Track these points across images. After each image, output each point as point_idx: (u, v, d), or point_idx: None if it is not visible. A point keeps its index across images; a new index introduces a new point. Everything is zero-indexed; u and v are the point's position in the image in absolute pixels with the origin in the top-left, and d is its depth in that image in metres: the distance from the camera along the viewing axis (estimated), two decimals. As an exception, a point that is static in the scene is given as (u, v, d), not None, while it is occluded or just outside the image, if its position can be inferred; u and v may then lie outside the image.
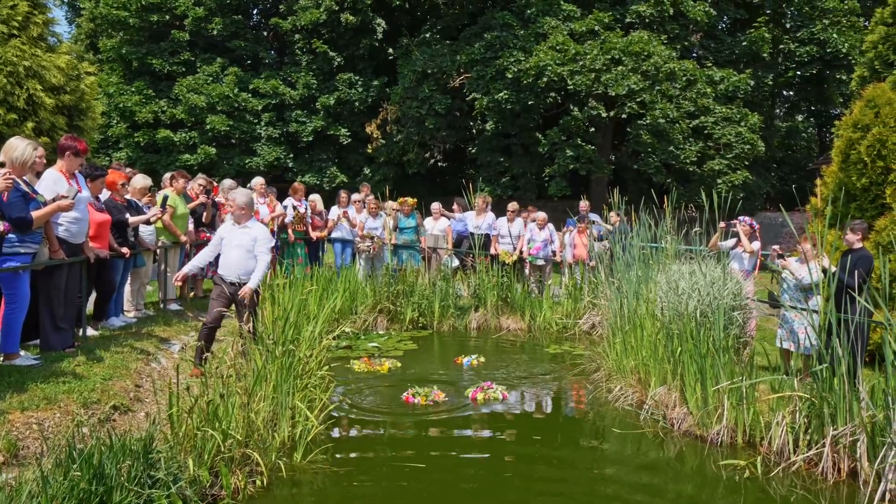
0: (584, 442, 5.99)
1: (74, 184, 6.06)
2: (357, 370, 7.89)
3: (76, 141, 6.08)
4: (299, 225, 11.28)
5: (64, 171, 6.01)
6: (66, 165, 6.03)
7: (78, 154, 6.03)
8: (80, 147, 6.04)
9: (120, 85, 23.30)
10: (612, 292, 8.27)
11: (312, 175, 23.58)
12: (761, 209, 23.51)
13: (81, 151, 6.04)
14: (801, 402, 5.40)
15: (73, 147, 6.01)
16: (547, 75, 18.60)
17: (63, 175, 5.99)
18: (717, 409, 5.84)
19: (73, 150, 6.00)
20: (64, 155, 6.01)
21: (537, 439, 5.93)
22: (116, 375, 5.61)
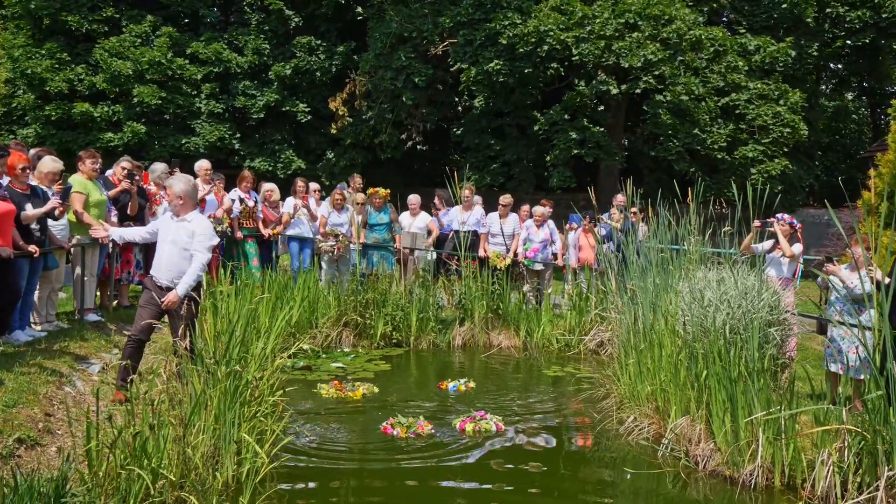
0: (591, 484, 6.00)
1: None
2: (325, 395, 7.87)
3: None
4: (248, 220, 11.24)
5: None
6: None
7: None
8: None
9: (28, 48, 23.04)
10: (625, 303, 8.31)
11: (264, 159, 23.49)
12: (803, 205, 23.76)
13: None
14: (850, 437, 5.44)
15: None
16: (548, 42, 18.67)
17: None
18: (750, 444, 5.87)
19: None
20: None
21: (535, 480, 5.93)
22: (22, 402, 5.53)
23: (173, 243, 6.49)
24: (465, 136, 22.66)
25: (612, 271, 9.42)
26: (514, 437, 6.88)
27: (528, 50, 18.90)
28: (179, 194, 6.55)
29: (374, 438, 6.73)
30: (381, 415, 7.28)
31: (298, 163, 23.60)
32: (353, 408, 7.62)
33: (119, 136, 22.48)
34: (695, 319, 6.84)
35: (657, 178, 21.81)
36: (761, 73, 21.44)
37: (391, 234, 11.75)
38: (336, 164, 23.49)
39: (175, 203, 6.57)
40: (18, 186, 7.41)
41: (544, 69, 19.66)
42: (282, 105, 23.59)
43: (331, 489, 5.57)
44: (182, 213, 6.56)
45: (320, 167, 23.75)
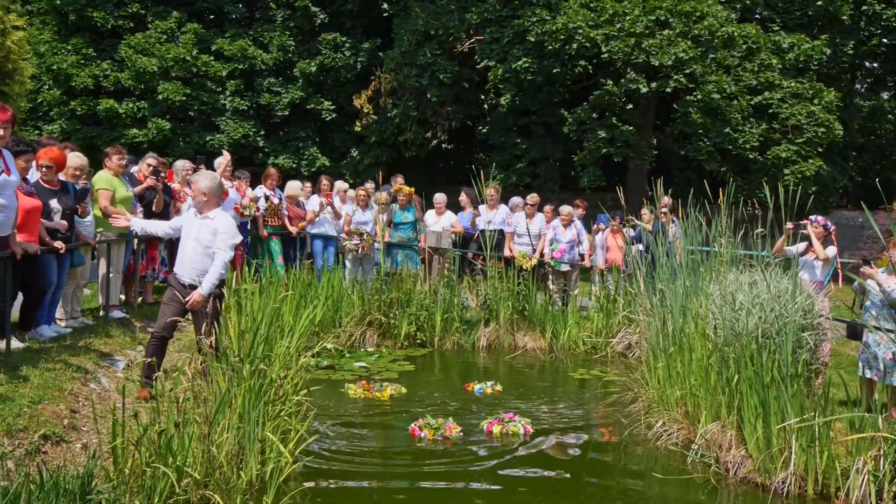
0: (618, 489, 5.98)
1: (1, 162, 6.06)
2: (352, 395, 7.91)
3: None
4: (273, 218, 11.31)
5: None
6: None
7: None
8: (2, 115, 6.02)
9: (54, 43, 23.31)
10: (654, 306, 8.27)
11: (288, 157, 23.59)
12: (837, 207, 23.51)
13: (3, 121, 6.02)
14: (886, 445, 5.38)
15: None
16: (577, 40, 18.61)
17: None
18: (782, 451, 5.82)
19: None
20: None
21: (561, 485, 5.92)
22: (47, 398, 5.61)
23: (196, 241, 6.54)
24: (490, 135, 22.63)
25: (641, 273, 9.37)
26: (540, 441, 6.87)
27: (556, 47, 18.85)
28: (204, 191, 6.60)
29: (400, 439, 6.76)
30: (407, 416, 7.31)
31: (322, 160, 23.67)
32: (380, 408, 7.64)
33: (144, 133, 22.67)
34: (726, 323, 6.79)
35: (687, 177, 21.68)
36: (795, 71, 21.24)
37: (416, 233, 11.77)
38: (360, 162, 23.53)
39: (199, 199, 6.62)
40: (47, 182, 7.51)
41: (572, 67, 19.59)
42: (306, 102, 23.67)
43: (355, 490, 5.60)
44: (205, 209, 6.61)
45: (344, 165, 23.81)
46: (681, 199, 9.40)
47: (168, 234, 7.24)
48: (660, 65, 18.61)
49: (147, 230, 7.38)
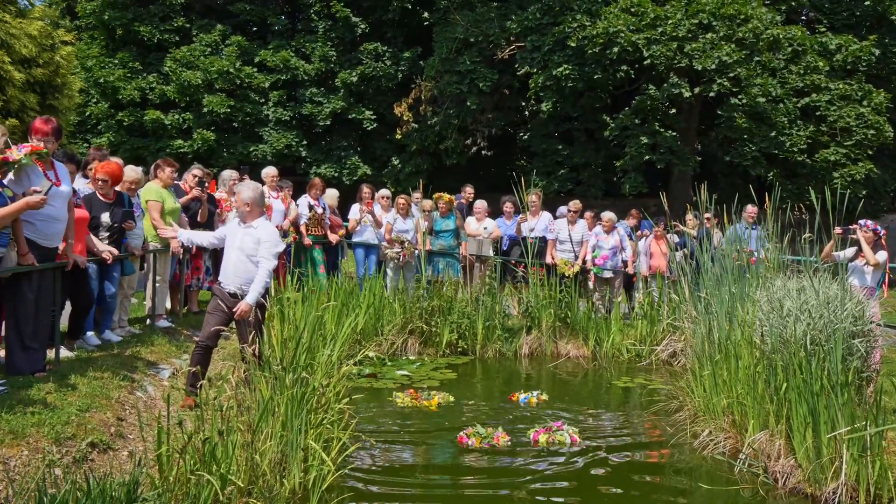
0: (664, 499, 5.89)
1: (52, 174, 6.19)
2: (400, 404, 7.94)
3: (38, 120, 6.21)
4: (316, 227, 11.39)
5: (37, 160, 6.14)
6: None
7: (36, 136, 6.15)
8: (34, 126, 6.16)
9: (101, 57, 23.82)
10: (699, 313, 8.15)
11: (330, 166, 23.80)
12: (888, 211, 22.99)
13: (34, 132, 6.15)
14: (941, 455, 5.24)
15: (31, 128, 6.14)
16: (618, 44, 18.50)
17: (37, 163, 6.12)
18: (833, 461, 5.69)
19: (31, 131, 6.14)
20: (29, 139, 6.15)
21: (607, 495, 5.85)
22: (95, 406, 5.69)
23: (240, 250, 6.61)
24: (531, 141, 22.58)
25: (686, 279, 9.25)
26: (586, 450, 6.81)
27: (597, 52, 18.76)
28: (247, 201, 6.67)
29: (446, 448, 6.74)
30: (451, 425, 7.30)
31: (364, 169, 23.83)
32: (426, 417, 7.63)
33: (189, 144, 23.05)
34: (773, 330, 6.67)
35: (732, 182, 21.40)
36: (843, 72, 20.88)
37: (457, 241, 11.76)
38: (401, 171, 23.65)
39: (242, 209, 6.69)
40: (103, 196, 7.66)
41: (614, 72, 19.48)
42: (348, 112, 23.86)
43: (398, 498, 5.59)
44: (249, 219, 6.68)
45: (386, 173, 23.95)
46: (725, 204, 9.27)
47: (213, 244, 7.33)
48: (703, 69, 18.43)
49: (194, 241, 7.49)
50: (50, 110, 11.87)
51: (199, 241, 7.42)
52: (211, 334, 6.53)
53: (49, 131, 6.19)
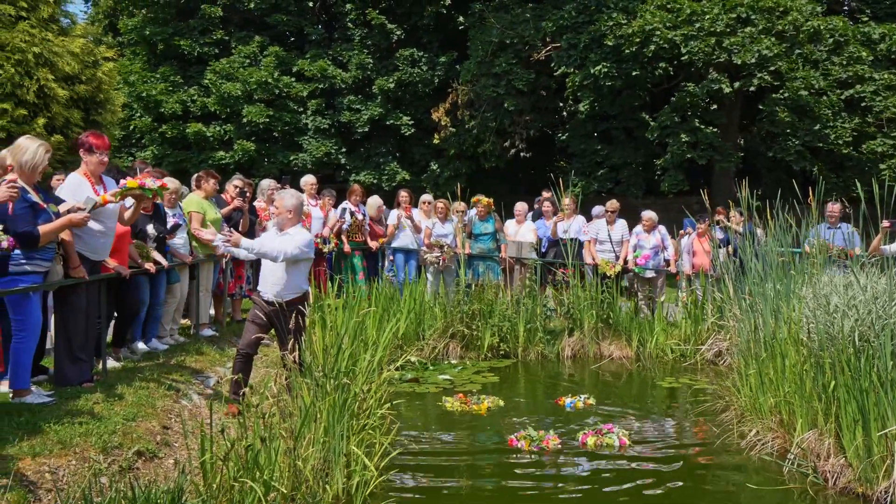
0: (712, 500, 5.81)
1: (101, 189, 6.31)
2: (449, 408, 7.92)
3: (91, 135, 6.33)
4: (357, 234, 11.45)
5: (87, 175, 6.27)
6: (87, 167, 6.28)
7: (91, 150, 6.27)
8: (93, 142, 6.27)
9: (143, 72, 24.22)
10: (744, 311, 8.03)
11: (369, 172, 23.90)
12: (938, 202, 22.40)
13: (95, 147, 6.27)
14: None
15: (86, 143, 6.26)
16: (655, 42, 18.31)
17: (87, 179, 6.24)
18: (884, 459, 5.55)
19: (85, 146, 6.26)
20: (80, 153, 6.27)
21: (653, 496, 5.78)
22: (141, 415, 5.79)
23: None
24: (570, 142, 22.45)
25: (730, 277, 9.11)
26: (633, 452, 6.74)
27: (634, 51, 18.59)
28: (290, 208, 6.73)
29: (491, 451, 6.72)
30: (491, 429, 7.28)
31: (403, 174, 23.89)
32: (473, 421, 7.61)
33: (230, 155, 23.33)
34: (820, 327, 6.54)
35: (776, 178, 21.06)
36: (888, 62, 20.42)
37: (496, 244, 11.73)
38: (440, 175, 23.67)
39: (283, 216, 6.74)
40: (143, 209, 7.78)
41: (652, 70, 19.29)
42: (386, 118, 23.95)
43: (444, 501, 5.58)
44: (287, 227, 6.73)
45: (424, 178, 23.99)
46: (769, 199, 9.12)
47: (248, 257, 7.32)
48: (743, 63, 18.14)
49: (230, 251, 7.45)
50: (94, 126, 12.11)
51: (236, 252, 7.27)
52: (251, 342, 6.59)
53: (107, 146, 6.37)
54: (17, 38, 10.55)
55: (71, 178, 6.26)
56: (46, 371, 6.54)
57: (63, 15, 12.13)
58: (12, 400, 5.64)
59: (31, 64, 10.60)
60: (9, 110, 10.46)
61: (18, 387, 5.67)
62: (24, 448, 4.62)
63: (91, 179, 6.28)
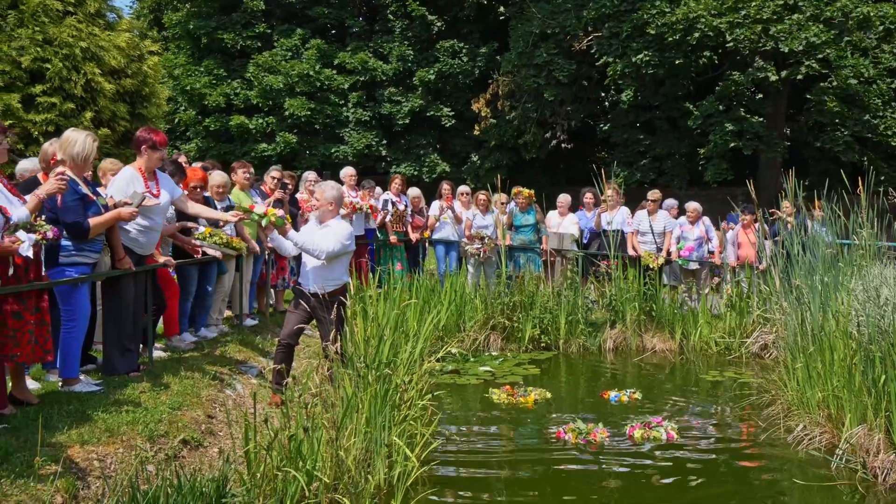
0: (758, 496, 5.72)
1: (153, 185, 6.40)
2: (496, 400, 7.89)
3: (153, 132, 6.41)
4: (398, 225, 11.46)
5: (142, 170, 6.36)
6: (145, 163, 6.37)
7: (156, 148, 6.35)
8: (157, 139, 6.36)
9: (188, 66, 24.52)
10: (790, 303, 7.88)
11: (410, 164, 23.98)
12: None
13: (159, 144, 6.36)
14: None
15: (150, 140, 6.33)
16: (699, 29, 18.05)
17: (140, 174, 6.32)
18: (937, 456, 5.43)
19: (149, 143, 6.33)
20: (140, 150, 6.35)
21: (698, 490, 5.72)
22: (186, 404, 5.86)
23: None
24: (612, 132, 22.27)
25: (777, 269, 8.95)
26: (679, 447, 6.66)
27: (678, 39, 18.35)
28: (331, 200, 6.74)
29: (534, 443, 6.70)
30: (532, 421, 7.25)
31: (443, 166, 23.92)
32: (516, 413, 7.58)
33: (272, 147, 23.55)
34: (870, 320, 6.39)
35: (824, 168, 20.65)
36: (941, 49, 19.88)
37: (537, 236, 11.67)
38: (481, 167, 23.64)
39: (325, 208, 6.75)
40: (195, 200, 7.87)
41: (696, 58, 19.03)
42: (426, 110, 23.98)
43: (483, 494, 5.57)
44: (327, 218, 6.73)
45: (465, 170, 23.98)
46: (816, 190, 8.95)
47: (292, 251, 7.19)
48: (790, 51, 17.82)
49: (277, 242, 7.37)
50: (140, 119, 12.29)
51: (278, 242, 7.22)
52: (292, 332, 6.64)
53: (167, 142, 6.49)
54: (65, 33, 10.74)
55: (125, 171, 6.34)
56: (95, 360, 6.65)
57: (109, 10, 12.32)
58: (61, 388, 5.76)
59: (78, 58, 10.79)
60: (57, 104, 10.66)
61: (67, 375, 5.78)
62: (73, 436, 4.70)
63: (144, 175, 6.37)
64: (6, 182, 5.21)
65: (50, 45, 10.64)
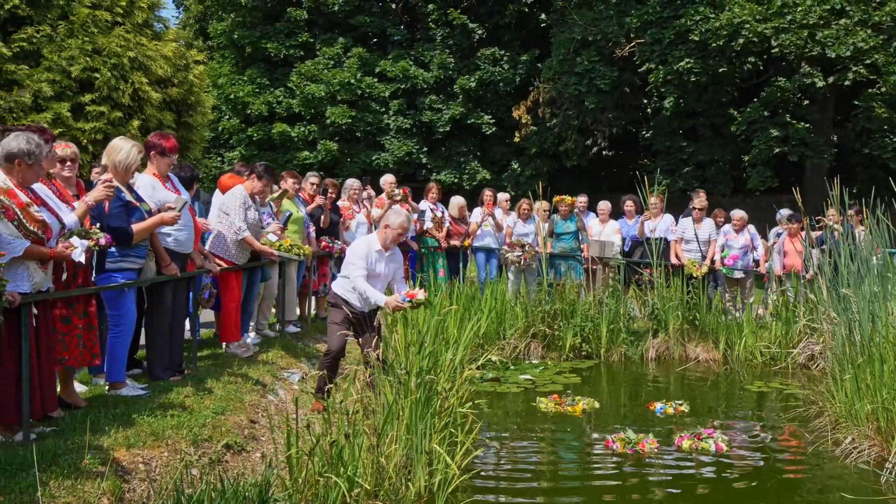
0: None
1: (171, 187, 6.50)
2: (543, 409, 7.86)
3: (163, 138, 6.52)
4: (439, 232, 11.49)
5: (157, 175, 6.46)
6: (157, 167, 6.47)
7: (164, 153, 6.45)
8: (165, 145, 6.46)
9: (231, 75, 24.85)
10: (838, 313, 7.73)
11: (450, 172, 23.98)
12: None
13: (168, 150, 6.46)
14: None
15: (159, 146, 6.44)
16: (744, 35, 17.81)
17: (158, 178, 6.43)
18: None
19: (157, 148, 6.43)
20: (150, 155, 6.44)
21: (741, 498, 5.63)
22: (229, 409, 5.92)
23: (385, 278, 6.92)
24: (654, 139, 22.07)
25: (824, 278, 8.79)
26: (726, 459, 6.56)
27: (722, 45, 18.13)
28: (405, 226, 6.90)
29: (577, 452, 6.68)
30: (573, 430, 7.20)
31: (483, 174, 23.90)
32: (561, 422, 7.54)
33: (314, 155, 23.73)
34: (922, 330, 6.25)
35: (872, 176, 20.23)
36: None
37: (579, 244, 11.60)
38: (521, 174, 23.58)
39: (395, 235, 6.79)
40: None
41: (740, 64, 18.79)
42: (467, 118, 23.99)
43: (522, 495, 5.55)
44: (392, 245, 6.84)
45: (505, 177, 23.94)
46: (864, 198, 8.77)
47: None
48: (837, 56, 17.49)
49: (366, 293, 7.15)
50: (185, 128, 12.48)
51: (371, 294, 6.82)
52: (340, 347, 6.66)
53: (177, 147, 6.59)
54: (114, 43, 10.96)
55: (143, 179, 6.42)
56: (141, 365, 6.75)
57: (156, 20, 12.56)
58: (108, 392, 5.86)
59: (126, 68, 10.99)
60: (105, 113, 10.86)
61: (114, 379, 5.88)
62: (119, 439, 4.77)
63: (161, 179, 6.48)
64: (55, 188, 5.33)
65: (99, 55, 10.86)
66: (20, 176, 4.71)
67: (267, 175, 7.86)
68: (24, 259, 4.55)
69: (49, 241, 4.75)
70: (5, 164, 4.70)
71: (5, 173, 4.69)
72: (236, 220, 7.47)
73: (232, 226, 7.47)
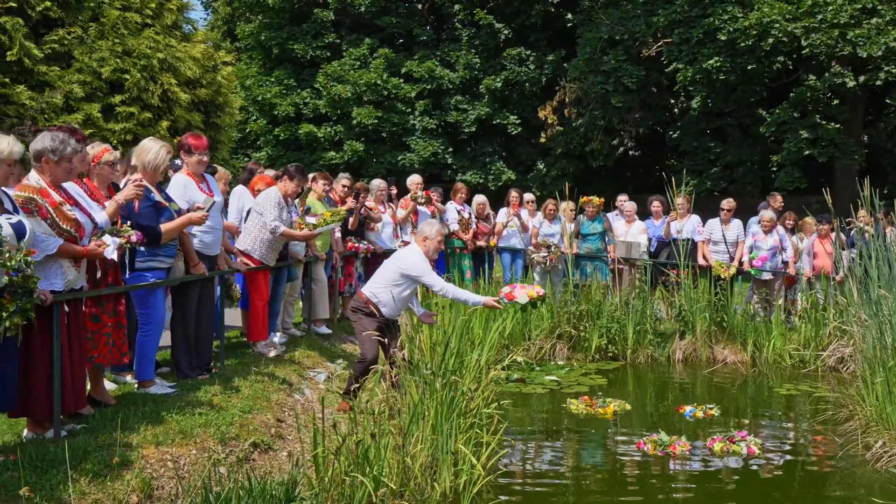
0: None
1: (205, 187, 6.56)
2: (574, 411, 7.82)
3: (190, 136, 6.59)
4: (464, 233, 11.49)
5: (191, 174, 6.52)
6: (189, 167, 6.53)
7: (190, 151, 6.50)
8: (191, 142, 6.51)
9: (259, 76, 25.04)
10: (869, 315, 7.63)
11: (475, 172, 23.99)
12: None
13: (193, 147, 6.50)
14: None
15: (185, 144, 6.51)
16: (773, 35, 17.66)
17: (192, 178, 6.49)
18: None
19: (185, 147, 6.51)
20: (180, 155, 6.52)
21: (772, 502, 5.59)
22: (256, 408, 5.96)
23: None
24: (681, 140, 21.93)
25: (854, 280, 8.67)
26: (753, 461, 6.50)
27: (751, 44, 17.98)
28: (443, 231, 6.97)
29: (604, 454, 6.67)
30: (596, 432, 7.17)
31: (509, 174, 23.88)
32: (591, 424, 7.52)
33: (340, 155, 23.86)
34: (955, 334, 6.16)
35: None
36: None
37: (605, 245, 11.54)
38: (547, 175, 23.53)
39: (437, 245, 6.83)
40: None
41: (769, 64, 18.63)
42: (492, 118, 23.99)
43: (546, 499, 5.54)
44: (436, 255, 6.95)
45: (531, 178, 23.90)
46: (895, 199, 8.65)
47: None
48: (868, 56, 17.29)
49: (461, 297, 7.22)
50: (213, 128, 12.57)
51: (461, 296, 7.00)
52: (376, 355, 6.63)
53: (206, 146, 6.62)
54: (143, 45, 11.07)
55: (176, 178, 6.49)
56: (169, 363, 6.81)
57: (185, 22, 12.68)
58: (137, 391, 5.91)
59: (155, 69, 11.11)
60: (135, 113, 10.98)
61: (143, 378, 5.93)
62: (147, 437, 4.82)
63: (195, 179, 6.53)
64: (87, 188, 5.39)
65: (129, 56, 10.98)
66: (50, 174, 4.78)
67: (299, 175, 7.89)
68: (58, 257, 4.61)
69: (81, 240, 4.81)
70: (35, 164, 4.78)
71: (38, 174, 4.76)
72: (270, 220, 7.46)
73: (266, 225, 7.48)
